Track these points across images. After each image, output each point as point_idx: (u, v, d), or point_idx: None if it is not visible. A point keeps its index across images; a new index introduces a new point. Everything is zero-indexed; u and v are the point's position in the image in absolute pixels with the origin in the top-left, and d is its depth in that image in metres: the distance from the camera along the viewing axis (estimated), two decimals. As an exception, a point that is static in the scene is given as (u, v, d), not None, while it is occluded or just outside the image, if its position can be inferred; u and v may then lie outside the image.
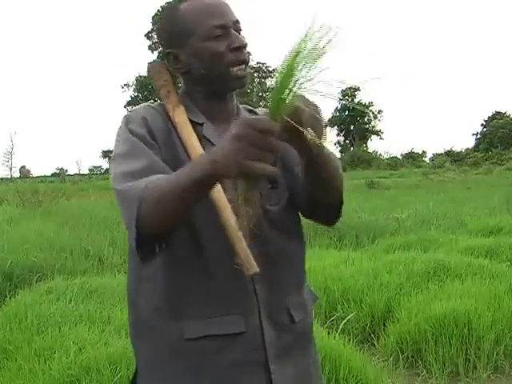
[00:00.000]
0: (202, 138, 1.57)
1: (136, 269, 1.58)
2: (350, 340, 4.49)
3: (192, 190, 1.30)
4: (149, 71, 1.70)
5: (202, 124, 1.61)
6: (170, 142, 1.55)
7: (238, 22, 1.62)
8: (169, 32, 1.66)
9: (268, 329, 1.55)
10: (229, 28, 1.58)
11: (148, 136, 1.52)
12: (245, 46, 1.59)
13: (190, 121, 1.59)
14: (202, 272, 1.51)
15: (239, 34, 1.61)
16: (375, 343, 5.29)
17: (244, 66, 1.60)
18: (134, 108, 1.64)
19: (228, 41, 1.57)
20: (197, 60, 1.60)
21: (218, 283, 1.51)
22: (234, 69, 1.58)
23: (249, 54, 1.65)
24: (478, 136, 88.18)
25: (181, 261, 1.51)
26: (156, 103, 1.66)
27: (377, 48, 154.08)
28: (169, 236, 1.42)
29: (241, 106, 1.75)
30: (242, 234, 1.40)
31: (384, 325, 5.50)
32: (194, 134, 1.55)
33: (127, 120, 1.57)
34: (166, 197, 1.32)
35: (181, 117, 1.58)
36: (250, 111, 1.77)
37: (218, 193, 1.43)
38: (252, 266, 1.40)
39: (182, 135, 1.55)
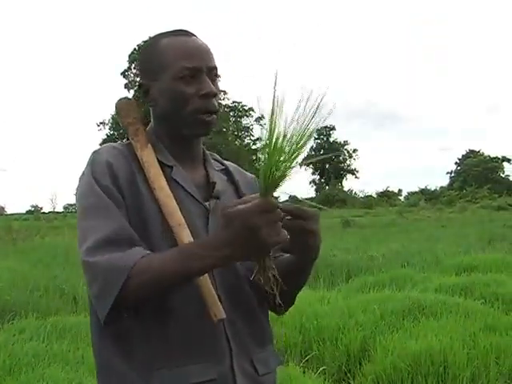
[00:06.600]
0: (171, 181, 1.54)
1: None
2: (325, 379, 4.48)
3: (187, 278, 1.40)
4: (117, 108, 1.63)
5: (171, 166, 1.57)
6: (134, 186, 1.50)
7: (215, 68, 1.58)
8: (145, 63, 1.63)
9: (239, 377, 1.50)
10: (201, 72, 1.54)
11: (112, 186, 1.48)
12: (214, 94, 1.55)
13: (159, 162, 1.55)
14: (170, 320, 1.45)
15: (215, 80, 1.58)
16: (351, 382, 5.27)
17: (210, 114, 1.56)
18: (98, 148, 1.56)
19: (198, 86, 1.54)
20: (164, 98, 1.56)
21: (188, 331, 1.46)
22: (200, 116, 1.54)
23: (224, 92, 1.62)
24: (453, 174, 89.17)
25: (148, 309, 1.44)
26: (119, 143, 1.62)
27: (352, 87, 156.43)
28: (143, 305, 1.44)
29: (208, 152, 1.71)
30: (208, 280, 1.43)
31: (360, 364, 5.49)
32: (163, 175, 1.52)
33: (92, 168, 1.50)
34: (158, 280, 1.37)
35: (149, 157, 1.54)
36: (216, 160, 1.73)
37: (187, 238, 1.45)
38: (219, 312, 1.41)
39: (149, 176, 1.51)
